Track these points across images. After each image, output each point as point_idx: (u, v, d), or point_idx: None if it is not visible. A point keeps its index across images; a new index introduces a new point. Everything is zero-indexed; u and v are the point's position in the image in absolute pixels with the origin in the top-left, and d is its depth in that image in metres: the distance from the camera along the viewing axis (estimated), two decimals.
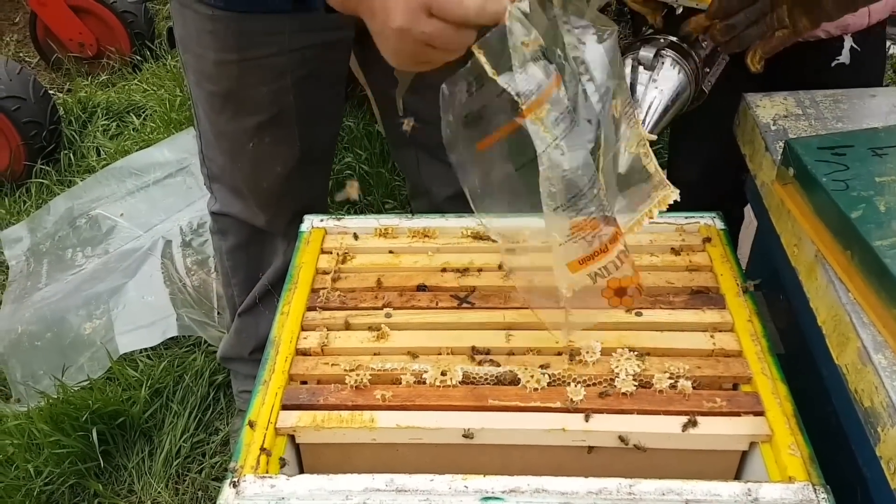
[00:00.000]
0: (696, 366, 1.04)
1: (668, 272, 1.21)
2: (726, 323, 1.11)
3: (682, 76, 1.19)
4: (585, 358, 1.05)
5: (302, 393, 1.04)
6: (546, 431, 0.98)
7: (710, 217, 1.30)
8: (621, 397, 1.01)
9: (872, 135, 1.10)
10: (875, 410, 0.88)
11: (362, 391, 1.03)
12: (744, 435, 0.97)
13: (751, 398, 1.00)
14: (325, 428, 0.99)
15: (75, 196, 2.75)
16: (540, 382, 1.02)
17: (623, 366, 1.03)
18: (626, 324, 1.12)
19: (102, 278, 2.33)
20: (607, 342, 1.08)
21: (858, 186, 0.99)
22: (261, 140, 1.56)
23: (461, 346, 1.09)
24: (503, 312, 1.14)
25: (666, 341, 1.09)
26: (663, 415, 0.99)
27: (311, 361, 1.09)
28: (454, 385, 1.03)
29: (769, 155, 1.21)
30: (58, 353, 2.15)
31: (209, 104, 1.56)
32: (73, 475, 1.87)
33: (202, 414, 2.03)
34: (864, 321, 0.94)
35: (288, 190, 1.64)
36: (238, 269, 1.79)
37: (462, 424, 0.99)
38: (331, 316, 1.16)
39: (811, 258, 1.06)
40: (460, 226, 1.32)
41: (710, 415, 0.99)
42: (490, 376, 1.04)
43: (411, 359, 1.08)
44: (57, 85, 3.72)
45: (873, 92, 1.34)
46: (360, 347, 1.10)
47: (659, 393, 1.01)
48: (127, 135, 3.16)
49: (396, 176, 2.69)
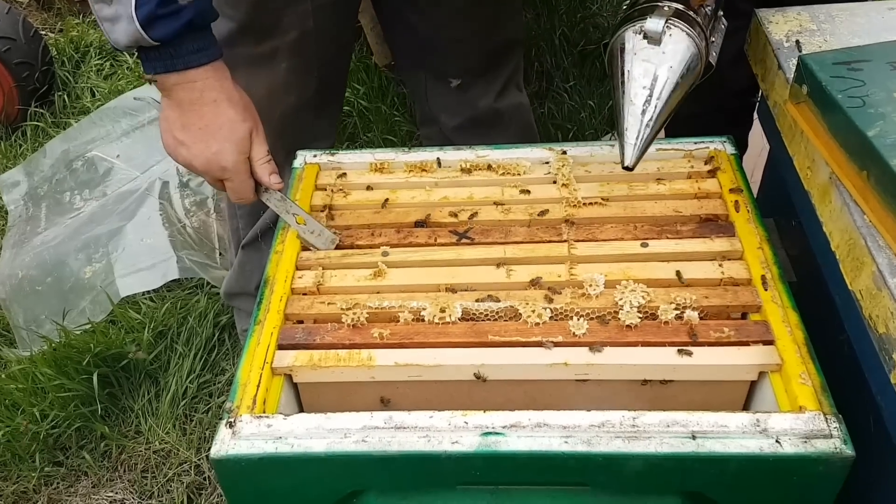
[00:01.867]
0: (704, 296, 1.01)
1: (676, 200, 1.17)
2: (735, 251, 1.07)
3: (692, 48, 1.03)
4: (588, 291, 1.02)
5: (298, 332, 1.01)
6: (548, 366, 0.96)
7: (720, 141, 1.25)
8: (625, 329, 0.98)
9: (891, 48, 1.03)
10: (890, 337, 0.85)
11: (360, 329, 1.01)
12: (752, 364, 0.94)
13: (760, 327, 0.97)
14: (322, 367, 0.97)
15: (71, 138, 2.70)
16: (542, 317, 0.99)
17: (627, 297, 1.00)
18: (632, 255, 1.08)
19: (101, 221, 2.30)
20: (612, 274, 1.04)
21: (876, 103, 0.94)
22: (277, 66, 1.52)
23: (460, 282, 1.06)
24: (503, 248, 1.11)
25: (672, 272, 1.05)
26: (668, 346, 0.96)
27: (307, 301, 1.06)
28: (453, 322, 1.00)
29: (782, 73, 1.15)
30: (59, 298, 2.14)
31: (226, 34, 1.47)
32: (78, 418, 1.87)
33: (207, 355, 2.02)
34: (881, 244, 0.90)
35: (299, 123, 1.60)
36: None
37: (462, 361, 0.97)
38: (326, 255, 1.13)
39: (825, 180, 1.01)
40: (459, 158, 1.27)
41: (718, 345, 0.96)
42: (490, 312, 1.01)
43: (409, 296, 1.04)
44: (49, 25, 3.63)
45: (892, 4, 1.26)
46: (356, 286, 1.07)
47: (664, 324, 0.97)
48: (121, 74, 3.09)
49: (395, 111, 2.62)
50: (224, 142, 1.07)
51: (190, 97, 1.05)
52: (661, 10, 1.03)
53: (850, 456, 0.83)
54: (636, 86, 1.01)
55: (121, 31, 1.00)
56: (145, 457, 1.85)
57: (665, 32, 1.01)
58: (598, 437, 0.86)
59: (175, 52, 1.02)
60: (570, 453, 0.86)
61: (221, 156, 1.07)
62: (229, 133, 1.07)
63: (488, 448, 0.86)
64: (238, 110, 1.08)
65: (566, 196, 1.19)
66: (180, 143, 1.08)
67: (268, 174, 1.11)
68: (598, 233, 1.13)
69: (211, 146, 1.07)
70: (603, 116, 2.54)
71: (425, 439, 0.87)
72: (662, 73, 1.02)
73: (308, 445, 0.88)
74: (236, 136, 1.07)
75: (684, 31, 1.02)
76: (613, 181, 1.21)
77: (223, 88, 1.07)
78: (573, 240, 1.12)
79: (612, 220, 1.16)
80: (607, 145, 1.26)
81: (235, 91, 1.10)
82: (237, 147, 1.08)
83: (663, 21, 1.01)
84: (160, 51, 1.02)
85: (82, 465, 1.85)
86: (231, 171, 1.09)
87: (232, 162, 1.08)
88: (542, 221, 1.16)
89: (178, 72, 1.04)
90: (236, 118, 1.07)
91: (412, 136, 2.60)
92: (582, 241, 1.11)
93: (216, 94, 1.06)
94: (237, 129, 1.07)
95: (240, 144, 1.08)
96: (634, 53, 1.02)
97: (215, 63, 1.07)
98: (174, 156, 1.11)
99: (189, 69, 1.04)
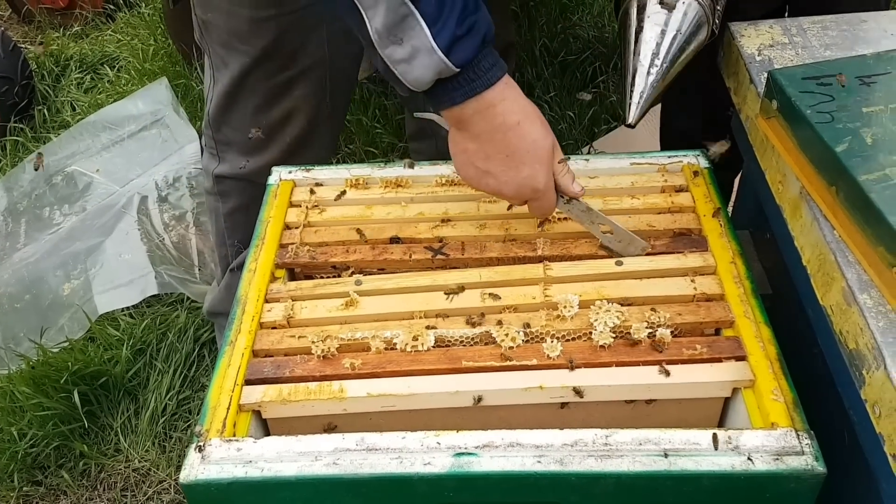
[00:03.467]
0: (677, 312, 1.01)
1: (650, 215, 1.17)
2: (709, 266, 1.07)
3: (702, 17, 1.11)
4: (563, 313, 1.01)
5: (266, 366, 0.99)
6: (523, 390, 0.94)
7: (693, 155, 1.25)
8: (599, 350, 0.97)
9: (861, 62, 1.04)
10: (860, 353, 0.85)
11: (330, 361, 0.98)
12: (725, 381, 0.94)
13: (732, 343, 0.97)
14: (291, 401, 0.95)
15: (50, 152, 2.68)
16: (515, 340, 0.98)
17: (601, 318, 0.99)
18: (606, 274, 1.07)
19: (79, 237, 2.29)
20: (586, 294, 1.04)
21: (844, 118, 0.94)
22: (291, 94, 1.51)
23: (435, 309, 1.04)
24: (479, 272, 1.09)
25: (646, 289, 1.05)
26: (642, 365, 0.95)
27: (277, 335, 1.03)
28: (427, 349, 0.98)
29: (753, 87, 1.15)
30: (37, 315, 2.12)
31: (239, 64, 1.49)
32: (57, 437, 1.85)
33: (187, 371, 2.01)
34: (850, 260, 0.90)
35: (308, 143, 1.60)
36: (236, 229, 1.75)
37: (435, 388, 0.95)
38: (297, 286, 1.11)
39: (796, 195, 1.01)
40: (434, 174, 1.27)
41: (690, 362, 0.95)
42: (465, 338, 1.00)
43: (382, 325, 1.02)
44: (30, 38, 3.62)
45: (864, 17, 1.27)
46: (328, 317, 1.05)
47: (637, 343, 0.97)
48: (101, 87, 3.08)
49: (377, 123, 2.62)
50: (534, 164, 1.02)
51: (491, 125, 1.00)
52: None
53: (822, 473, 0.83)
54: (646, 48, 1.08)
55: (421, 66, 0.93)
56: (125, 475, 1.84)
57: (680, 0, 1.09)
58: (571, 456, 0.86)
59: (474, 74, 0.96)
60: (543, 473, 0.85)
61: (533, 179, 1.02)
62: (536, 155, 1.02)
63: (461, 469, 0.86)
64: (537, 127, 1.02)
65: None
66: (485, 173, 1.04)
67: (571, 183, 1.06)
68: (573, 248, 1.13)
69: (521, 171, 1.02)
70: (583, 127, 2.55)
71: (397, 461, 0.87)
72: (672, 38, 1.08)
73: (278, 469, 0.87)
74: (544, 156, 1.02)
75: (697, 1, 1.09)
76: (587, 196, 1.21)
77: (521, 107, 1.01)
78: (548, 254, 1.12)
79: (586, 234, 1.15)
80: (581, 159, 1.27)
81: (529, 105, 1.02)
82: (546, 167, 1.03)
83: None
84: (459, 78, 0.95)
85: (61, 484, 1.83)
86: (542, 190, 1.04)
87: (543, 182, 1.03)
88: (516, 236, 1.16)
89: (476, 96, 0.97)
90: (539, 137, 1.01)
91: (394, 148, 2.60)
92: (557, 260, 1.10)
93: (517, 116, 1.00)
94: (543, 149, 1.02)
95: (548, 163, 1.03)
96: (648, 16, 1.08)
97: (507, 78, 1.00)
98: (478, 186, 1.07)
99: (487, 90, 0.97)
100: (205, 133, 1.66)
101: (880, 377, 0.81)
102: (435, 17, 0.91)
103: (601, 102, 2.60)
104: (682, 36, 1.10)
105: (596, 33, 2.84)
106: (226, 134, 1.62)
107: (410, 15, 0.91)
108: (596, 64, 2.74)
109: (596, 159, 1.27)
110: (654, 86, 1.07)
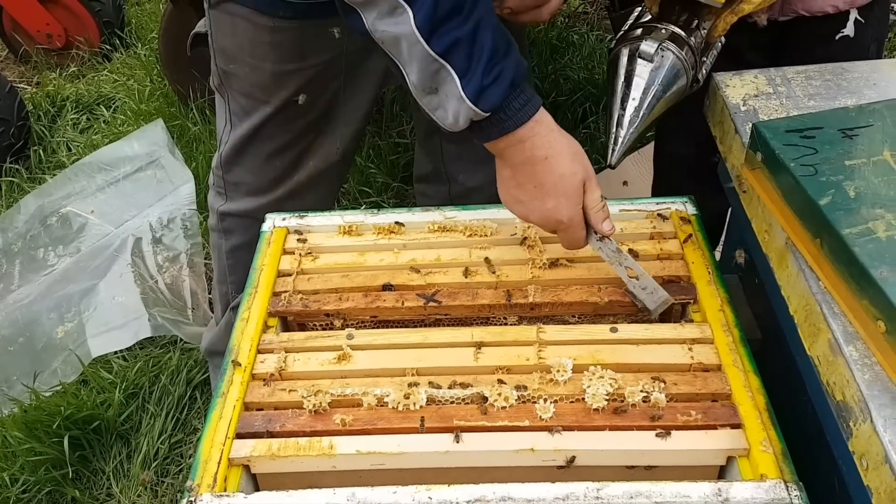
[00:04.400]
0: (673, 382, 0.99)
1: (640, 261, 1.18)
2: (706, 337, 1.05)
3: (680, 68, 1.19)
4: (556, 377, 1.00)
5: (257, 420, 0.99)
6: (515, 452, 0.94)
7: (681, 202, 1.27)
8: (592, 413, 0.96)
9: (843, 115, 1.06)
10: (847, 405, 0.86)
11: (321, 416, 0.98)
12: (720, 450, 0.93)
13: (728, 410, 0.95)
14: (281, 457, 0.95)
15: (46, 194, 2.69)
16: (508, 400, 0.97)
17: (595, 384, 0.98)
18: (601, 340, 1.06)
19: (74, 278, 2.29)
20: (580, 358, 1.02)
21: (828, 171, 0.96)
22: (306, 138, 1.56)
23: (426, 366, 1.04)
24: (471, 331, 1.09)
25: (641, 356, 1.03)
26: (636, 430, 0.94)
27: (268, 388, 1.03)
28: (419, 408, 0.98)
29: (738, 137, 1.17)
30: (31, 358, 2.12)
31: (261, 113, 1.53)
32: (49, 482, 1.83)
33: (179, 413, 2.00)
34: (836, 311, 0.91)
35: (316, 185, 1.64)
36: (237, 267, 1.76)
37: (426, 448, 0.94)
38: (289, 338, 1.11)
39: (782, 245, 1.03)
40: (427, 220, 1.28)
41: (685, 428, 0.94)
42: (456, 398, 0.99)
43: (374, 382, 1.02)
44: (26, 78, 3.65)
45: (846, 66, 1.30)
46: (320, 371, 1.05)
47: (632, 407, 0.96)
48: (97, 128, 3.10)
49: (371, 163, 2.64)
50: (559, 197, 1.07)
51: (522, 158, 1.06)
52: (659, 32, 1.19)
53: None
54: (627, 97, 1.17)
55: (454, 114, 1.01)
56: None
57: (658, 54, 1.17)
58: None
59: (504, 116, 1.02)
60: None
61: (557, 211, 1.08)
62: (562, 189, 1.07)
63: None
64: (567, 163, 1.07)
65: (532, 257, 1.20)
66: (516, 199, 1.11)
67: (601, 221, 1.10)
68: (564, 294, 1.14)
69: (547, 203, 1.08)
70: None
71: None
72: (651, 89, 1.17)
73: None
74: (570, 191, 1.07)
75: (674, 54, 1.17)
76: None
77: (550, 143, 1.06)
78: (539, 301, 1.13)
79: (577, 281, 1.17)
80: None
81: (564, 141, 1.08)
82: (571, 201, 1.08)
83: (657, 44, 1.17)
84: (491, 118, 1.02)
85: None
86: (566, 223, 1.09)
87: (567, 216, 1.08)
88: (508, 283, 1.17)
89: (508, 134, 1.04)
90: (567, 173, 1.07)
91: (388, 188, 2.61)
92: (550, 323, 1.10)
93: (545, 151, 1.06)
94: (570, 184, 1.07)
95: (573, 198, 1.08)
96: (629, 68, 1.18)
97: (540, 114, 1.06)
98: (511, 209, 1.13)
99: (518, 129, 1.04)
100: (214, 172, 1.69)
101: (867, 430, 0.82)
102: (465, 70, 0.98)
103: (591, 143, 2.63)
104: (659, 87, 1.18)
105: (586, 74, 2.88)
106: (237, 174, 1.65)
107: (442, 68, 0.99)
108: (586, 104, 2.77)
109: None
110: (633, 132, 1.18)
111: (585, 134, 2.70)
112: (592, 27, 3.32)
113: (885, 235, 0.88)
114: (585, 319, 1.19)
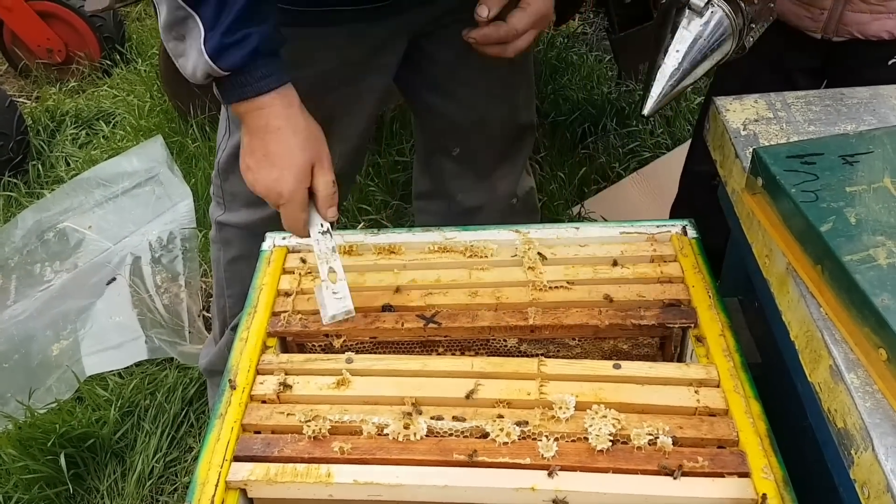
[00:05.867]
0: (678, 425, 0.96)
1: (640, 284, 1.18)
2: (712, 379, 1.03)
3: (727, 27, 1.19)
4: (558, 414, 0.97)
5: (256, 443, 0.98)
6: (514, 490, 0.92)
7: (681, 225, 1.27)
8: (596, 454, 0.93)
9: (843, 141, 1.06)
10: (848, 432, 0.85)
11: (320, 442, 0.97)
12: (726, 499, 0.90)
13: (736, 457, 0.93)
14: (278, 482, 0.94)
15: (43, 209, 2.69)
16: (510, 436, 0.95)
17: (598, 424, 0.96)
18: (603, 377, 1.04)
19: (71, 295, 2.28)
20: (583, 395, 1.00)
21: (828, 197, 0.96)
22: None
23: (426, 396, 1.02)
24: (471, 360, 1.07)
25: (646, 396, 1.00)
26: (640, 474, 0.92)
27: (267, 410, 1.02)
28: (419, 439, 0.97)
29: (739, 162, 1.17)
30: (26, 375, 2.10)
31: None
32: (43, 500, 1.82)
33: (175, 432, 1.99)
34: (837, 338, 0.91)
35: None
36: (234, 280, 1.75)
37: (424, 481, 0.93)
38: (289, 360, 1.10)
39: (782, 270, 1.02)
40: (427, 241, 1.28)
41: (691, 475, 0.91)
42: (456, 431, 0.97)
43: (373, 409, 1.01)
44: (26, 92, 3.65)
45: (846, 92, 1.30)
46: (319, 395, 1.04)
47: (637, 449, 0.93)
48: (96, 143, 3.10)
49: (370, 181, 2.65)
50: (283, 169, 1.09)
51: (258, 124, 1.09)
52: None
53: None
54: (672, 48, 1.18)
55: (192, 65, 1.04)
56: None
57: (707, 8, 1.17)
58: None
59: (245, 80, 1.06)
60: None
61: (280, 183, 1.10)
62: (288, 161, 1.09)
63: None
64: (300, 140, 1.10)
65: (532, 279, 1.20)
66: (248, 167, 1.13)
67: (326, 207, 1.13)
68: (564, 317, 1.14)
69: (272, 173, 1.10)
70: (573, 187, 2.58)
71: None
72: (695, 43, 1.17)
73: None
74: (296, 166, 1.10)
75: (723, 12, 1.18)
76: (578, 264, 1.23)
77: (288, 116, 1.10)
78: (539, 323, 1.12)
79: (576, 304, 1.16)
80: (572, 227, 1.28)
81: (302, 120, 1.12)
82: (295, 177, 1.10)
83: None
84: (231, 80, 1.06)
85: None
86: (286, 198, 1.11)
87: (288, 190, 1.10)
88: (508, 305, 1.17)
89: (248, 99, 1.07)
90: (296, 148, 1.09)
91: (387, 206, 2.62)
92: (550, 345, 1.09)
93: (280, 122, 1.09)
94: (298, 159, 1.10)
95: (299, 175, 1.10)
96: (677, 19, 1.19)
97: (283, 89, 1.09)
98: (244, 177, 1.15)
99: (259, 96, 1.07)
100: (213, 181, 1.69)
101: (868, 458, 0.81)
102: (212, 23, 1.02)
103: (591, 163, 2.63)
104: (703, 42, 1.19)
105: (585, 95, 2.90)
106: (233, 183, 1.64)
107: (190, 17, 1.02)
108: (585, 125, 2.78)
109: (586, 227, 1.29)
110: (673, 84, 1.18)
111: (585, 154, 2.71)
112: (591, 48, 3.34)
113: (886, 263, 0.88)
114: (585, 342, 1.18)
